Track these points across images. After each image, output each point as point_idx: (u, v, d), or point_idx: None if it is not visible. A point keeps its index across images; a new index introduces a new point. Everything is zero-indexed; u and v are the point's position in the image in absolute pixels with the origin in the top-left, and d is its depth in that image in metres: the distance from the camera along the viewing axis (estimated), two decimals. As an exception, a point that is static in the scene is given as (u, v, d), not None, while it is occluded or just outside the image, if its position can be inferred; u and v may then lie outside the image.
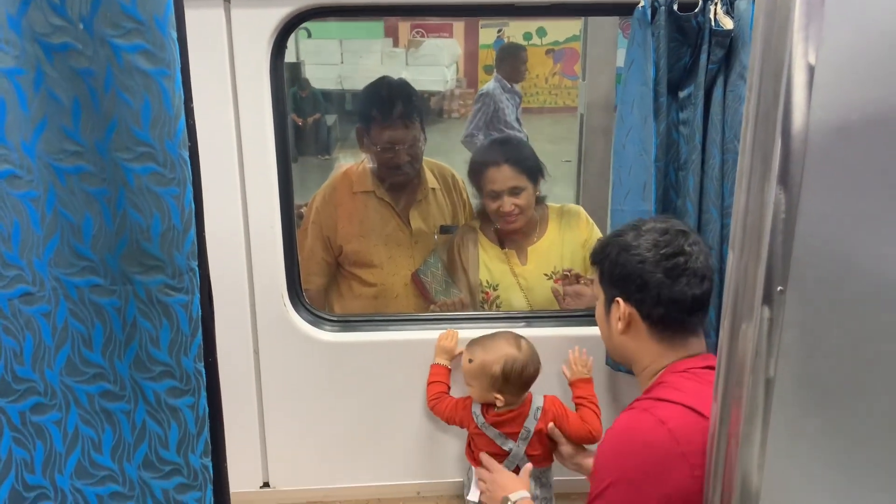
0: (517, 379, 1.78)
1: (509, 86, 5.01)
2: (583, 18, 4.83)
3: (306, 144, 8.50)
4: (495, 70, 5.31)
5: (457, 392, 1.96)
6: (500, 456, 1.83)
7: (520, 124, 5.04)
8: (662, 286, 1.42)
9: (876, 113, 0.91)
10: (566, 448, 1.82)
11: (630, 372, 1.94)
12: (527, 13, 1.86)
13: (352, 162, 2.46)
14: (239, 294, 1.92)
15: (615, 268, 1.48)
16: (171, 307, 0.93)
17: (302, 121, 8.26)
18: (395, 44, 10.54)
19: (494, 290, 2.27)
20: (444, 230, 2.43)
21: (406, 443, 2.09)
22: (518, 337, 1.85)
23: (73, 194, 0.90)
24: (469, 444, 1.93)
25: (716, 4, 1.73)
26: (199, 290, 0.96)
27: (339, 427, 2.06)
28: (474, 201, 2.43)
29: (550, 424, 1.82)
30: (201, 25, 1.70)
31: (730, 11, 1.74)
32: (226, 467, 1.09)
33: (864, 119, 0.91)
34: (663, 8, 1.70)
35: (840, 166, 0.92)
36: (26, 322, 0.92)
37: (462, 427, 1.91)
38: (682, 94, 1.83)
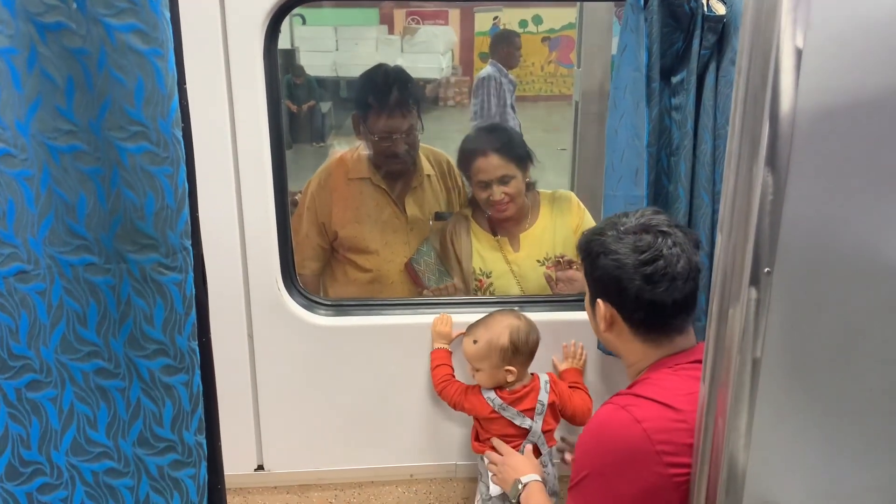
0: (524, 346, 1.82)
1: (505, 71, 5.01)
2: (578, 5, 4.83)
3: (301, 131, 8.47)
4: (490, 56, 5.31)
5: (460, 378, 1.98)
6: (517, 438, 1.84)
7: (514, 111, 5.04)
8: (642, 291, 1.40)
9: (862, 97, 0.92)
10: (570, 456, 1.84)
11: None
12: (522, -2, 1.86)
13: (346, 149, 2.46)
14: (233, 278, 1.93)
15: (595, 270, 1.47)
16: (164, 286, 0.94)
17: (296, 108, 8.23)
18: (391, 31, 10.49)
19: (487, 277, 2.29)
20: (438, 217, 2.44)
21: (399, 426, 2.10)
22: (513, 310, 1.88)
23: (67, 173, 0.91)
24: (475, 436, 1.94)
25: (708, -10, 1.73)
26: (192, 269, 0.96)
27: (332, 410, 2.08)
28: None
29: (560, 441, 1.87)
30: (195, 8, 1.70)
31: (722, -3, 1.74)
32: (219, 445, 1.11)
33: (850, 103, 0.92)
34: (656, -7, 1.71)
35: (827, 149, 0.94)
36: (21, 300, 0.93)
37: (470, 414, 1.91)
38: (674, 80, 1.84)
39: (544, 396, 1.83)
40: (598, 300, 1.47)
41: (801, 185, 0.96)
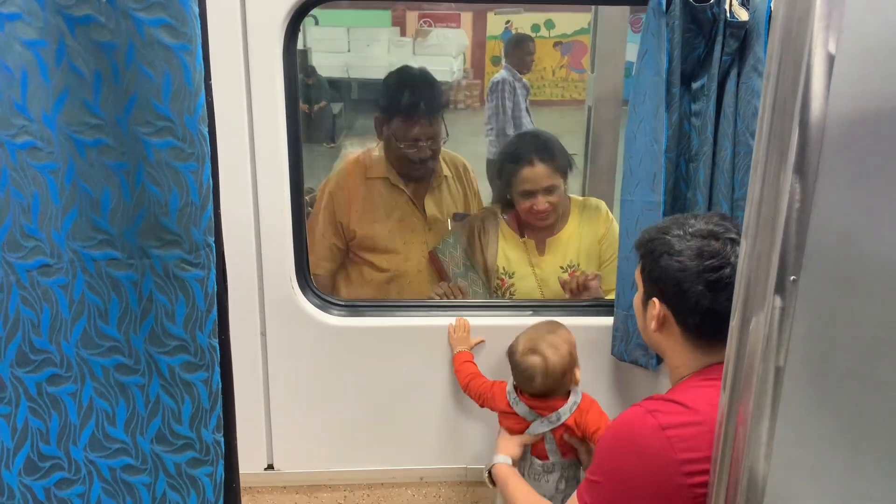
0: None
1: (518, 75, 5.01)
2: (592, 10, 4.82)
3: (312, 132, 8.49)
4: (504, 60, 5.31)
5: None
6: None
7: (529, 115, 5.04)
8: (702, 297, 1.35)
9: (894, 104, 0.91)
10: (586, 458, 1.80)
11: (639, 364, 1.95)
12: (544, 1, 1.86)
13: (357, 150, 2.46)
14: (248, 276, 1.93)
15: (655, 269, 1.42)
16: (187, 282, 0.94)
17: (308, 108, 8.25)
18: (403, 33, 10.50)
19: (510, 277, 2.28)
20: (457, 217, 2.44)
21: (410, 428, 2.10)
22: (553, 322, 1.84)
23: (92, 167, 0.91)
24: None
25: (731, -5, 1.72)
26: (214, 266, 0.96)
27: (343, 411, 2.07)
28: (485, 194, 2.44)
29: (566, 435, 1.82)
30: (216, 7, 1.70)
31: (745, 3, 1.73)
32: (236, 444, 1.10)
33: (882, 111, 0.91)
34: (678, -1, 1.70)
35: (856, 157, 0.92)
36: (44, 293, 0.92)
37: (493, 409, 1.87)
38: (694, 86, 1.83)
39: (565, 412, 1.77)
40: (654, 299, 1.43)
41: (829, 192, 0.94)
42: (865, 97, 0.91)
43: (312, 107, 8.42)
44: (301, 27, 1.89)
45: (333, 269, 2.40)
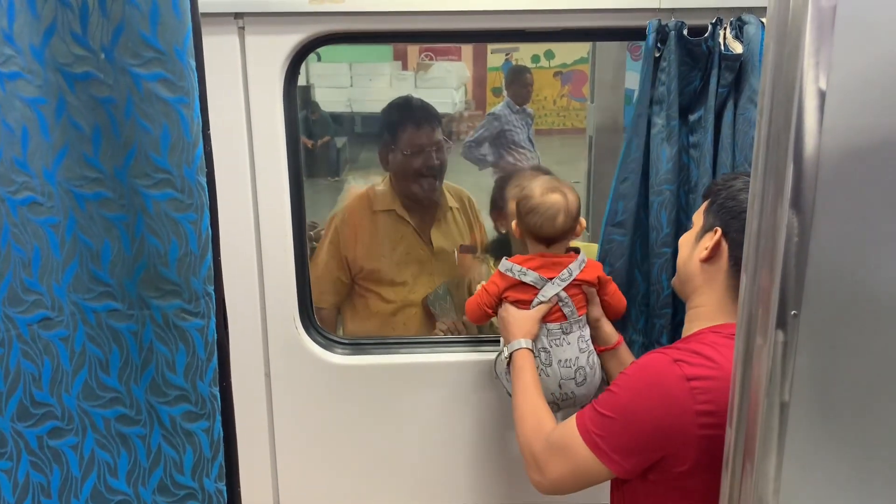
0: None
1: (518, 107, 5.05)
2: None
3: (316, 166, 8.52)
4: (505, 92, 5.37)
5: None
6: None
7: (532, 145, 5.06)
8: None
9: (886, 138, 0.91)
10: (595, 309, 1.78)
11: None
12: (536, 38, 1.88)
13: (361, 184, 2.49)
14: (251, 317, 1.92)
15: (729, 200, 1.46)
16: (187, 332, 0.94)
17: (311, 143, 8.30)
18: (404, 67, 10.60)
19: None
20: (464, 249, 2.45)
21: (417, 468, 2.07)
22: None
23: (92, 220, 0.92)
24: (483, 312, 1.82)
25: (725, 29, 1.74)
26: (214, 315, 0.96)
27: (350, 451, 2.05)
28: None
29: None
30: (216, 52, 1.72)
31: (739, 36, 1.75)
32: (239, 491, 1.10)
33: (874, 143, 0.92)
34: (673, 32, 1.72)
35: (852, 190, 0.93)
36: (45, 347, 0.93)
37: (491, 305, 1.78)
38: (691, 118, 1.84)
39: (576, 266, 1.73)
40: (717, 228, 1.45)
41: (826, 226, 0.95)
42: (858, 131, 0.92)
43: (316, 141, 8.47)
44: (303, 64, 1.92)
45: (337, 302, 2.39)
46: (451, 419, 2.02)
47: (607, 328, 1.80)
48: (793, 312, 0.97)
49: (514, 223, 1.77)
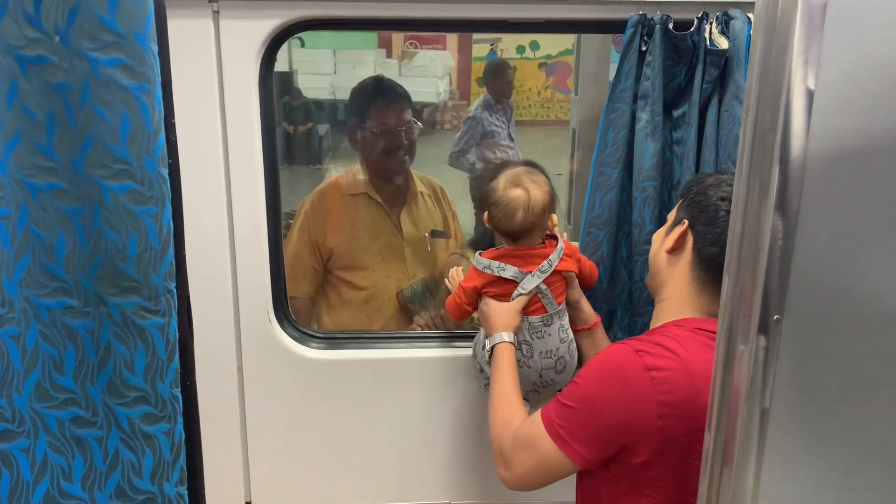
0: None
1: (497, 104, 4.98)
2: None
3: (297, 153, 8.48)
4: (484, 85, 5.31)
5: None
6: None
7: (512, 140, 5.01)
8: (727, 230, 1.42)
9: (877, 140, 0.89)
10: (575, 291, 1.78)
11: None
12: (520, 29, 1.85)
13: (342, 171, 2.47)
14: (223, 309, 1.88)
15: (699, 195, 1.50)
16: (146, 330, 0.90)
17: (293, 128, 8.25)
18: (389, 55, 10.55)
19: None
20: (435, 234, 2.43)
21: (393, 464, 2.04)
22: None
23: (45, 212, 0.87)
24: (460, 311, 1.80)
25: (711, 24, 1.71)
26: (176, 313, 0.92)
27: (324, 447, 2.02)
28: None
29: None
30: (189, 37, 1.68)
31: (725, 31, 1.72)
32: (203, 495, 1.06)
33: (864, 146, 0.89)
34: (659, 26, 1.69)
35: (839, 194, 0.90)
36: (-6, 345, 0.88)
37: (471, 303, 1.76)
38: (675, 113, 1.81)
39: (556, 258, 1.70)
40: (684, 221, 1.50)
41: (811, 229, 0.92)
42: (847, 133, 0.90)
43: (298, 128, 8.42)
44: (286, 49, 1.87)
45: (311, 292, 2.37)
46: (430, 416, 2.00)
47: (587, 308, 1.81)
48: (775, 317, 0.95)
49: (485, 215, 1.74)
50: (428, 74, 10.01)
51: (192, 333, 1.00)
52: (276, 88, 1.89)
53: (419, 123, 2.37)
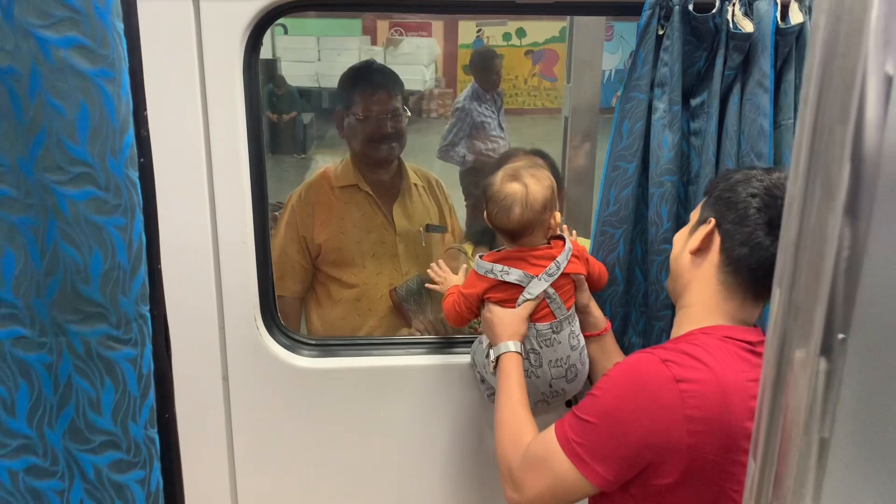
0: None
1: (486, 94, 4.87)
2: (567, 19, 4.73)
3: (282, 142, 8.42)
4: (471, 75, 5.20)
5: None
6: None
7: (502, 130, 4.90)
8: (758, 229, 1.34)
9: (962, 133, 0.77)
10: (584, 295, 1.68)
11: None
12: (528, 11, 1.71)
13: (328, 161, 2.36)
14: (206, 315, 1.74)
15: (726, 192, 1.40)
16: (115, 363, 0.76)
17: (277, 117, 8.17)
18: (374, 42, 10.47)
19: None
20: (431, 229, 2.31)
21: (389, 479, 1.94)
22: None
23: (-10, 224, 0.72)
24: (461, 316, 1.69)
25: (734, 5, 1.59)
26: (150, 340, 0.78)
27: (316, 461, 1.91)
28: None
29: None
30: (166, 20, 1.54)
31: (749, 13, 1.60)
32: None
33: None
34: (678, 8, 1.56)
35: (918, 196, 0.79)
36: (-70, 384, 0.74)
37: (472, 310, 1.65)
38: (693, 102, 1.69)
39: (563, 259, 1.59)
40: (711, 219, 1.40)
41: (885, 236, 0.81)
42: (928, 126, 0.78)
43: (282, 116, 8.34)
44: (269, 36, 1.74)
45: (299, 291, 2.27)
46: (426, 427, 1.90)
47: (596, 313, 1.71)
48: (840, 336, 0.83)
49: (485, 212, 1.61)
50: (414, 62, 9.96)
51: (171, 360, 0.86)
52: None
53: (407, 111, 2.28)
